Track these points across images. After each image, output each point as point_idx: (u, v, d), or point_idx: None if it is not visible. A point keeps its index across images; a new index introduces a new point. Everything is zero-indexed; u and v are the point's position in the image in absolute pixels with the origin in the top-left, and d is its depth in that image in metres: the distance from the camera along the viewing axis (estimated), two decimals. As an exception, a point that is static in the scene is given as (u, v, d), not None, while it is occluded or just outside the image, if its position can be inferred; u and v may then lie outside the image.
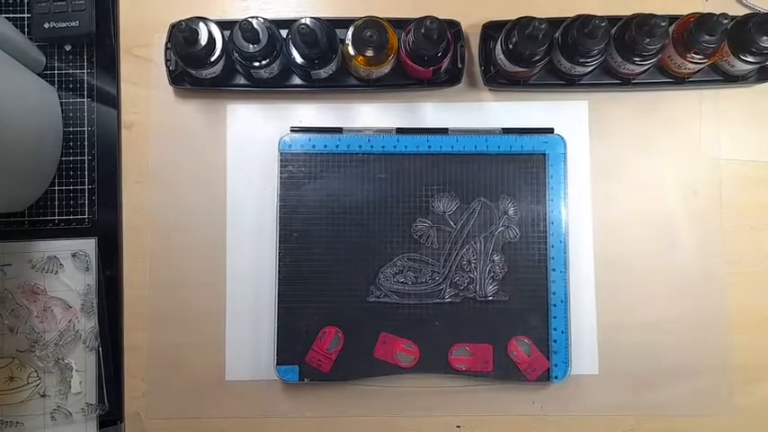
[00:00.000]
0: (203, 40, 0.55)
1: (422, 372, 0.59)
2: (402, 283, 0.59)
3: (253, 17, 0.54)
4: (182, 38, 0.54)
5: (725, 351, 0.60)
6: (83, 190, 0.61)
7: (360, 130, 0.61)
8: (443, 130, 0.60)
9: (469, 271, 0.59)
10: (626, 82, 0.60)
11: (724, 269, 0.61)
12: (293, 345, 0.58)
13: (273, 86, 0.60)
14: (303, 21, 0.54)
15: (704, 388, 0.60)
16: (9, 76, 0.55)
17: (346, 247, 0.59)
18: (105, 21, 0.62)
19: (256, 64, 0.56)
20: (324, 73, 0.58)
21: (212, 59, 0.56)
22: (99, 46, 0.62)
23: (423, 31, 0.53)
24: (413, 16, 0.55)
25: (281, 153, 0.60)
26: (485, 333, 0.59)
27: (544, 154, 0.60)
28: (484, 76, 0.61)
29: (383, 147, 0.60)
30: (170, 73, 0.60)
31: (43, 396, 0.60)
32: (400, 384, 0.59)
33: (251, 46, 0.54)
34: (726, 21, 0.52)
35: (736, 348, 0.60)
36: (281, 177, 0.59)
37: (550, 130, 0.60)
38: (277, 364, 0.58)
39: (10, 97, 0.54)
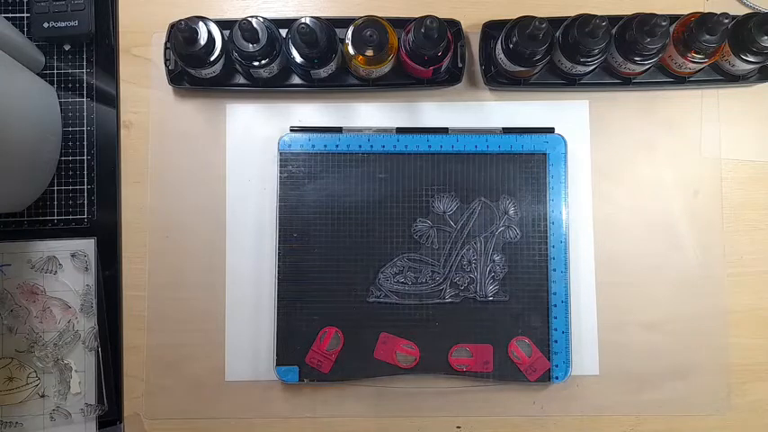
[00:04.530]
0: (203, 39, 0.55)
1: (422, 372, 0.59)
2: (402, 283, 0.59)
3: (252, 16, 0.54)
4: (181, 37, 0.54)
5: (725, 351, 0.60)
6: (82, 190, 0.61)
7: (360, 130, 0.61)
8: (443, 130, 0.60)
9: (470, 271, 0.59)
10: (627, 81, 0.60)
11: (724, 269, 0.61)
12: (293, 345, 0.58)
13: (273, 86, 0.60)
14: (303, 20, 0.54)
15: (704, 387, 0.60)
16: (8, 75, 0.55)
17: (346, 248, 0.59)
18: (104, 20, 0.62)
19: (256, 63, 0.56)
20: (324, 72, 0.58)
21: (212, 59, 0.56)
22: (98, 45, 0.62)
23: (423, 30, 0.53)
24: (413, 16, 0.55)
25: (280, 153, 0.60)
26: (485, 333, 0.58)
27: (545, 154, 0.60)
28: (484, 76, 0.60)
29: (383, 146, 0.60)
30: (169, 72, 0.60)
31: (42, 396, 0.59)
32: (400, 385, 0.59)
33: (250, 45, 0.54)
34: (726, 20, 0.52)
35: (736, 348, 0.60)
36: (280, 177, 0.59)
37: (551, 130, 0.60)
38: (277, 365, 0.58)
39: (9, 97, 0.53)
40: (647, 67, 0.57)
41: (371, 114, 0.62)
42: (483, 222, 0.59)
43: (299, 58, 0.56)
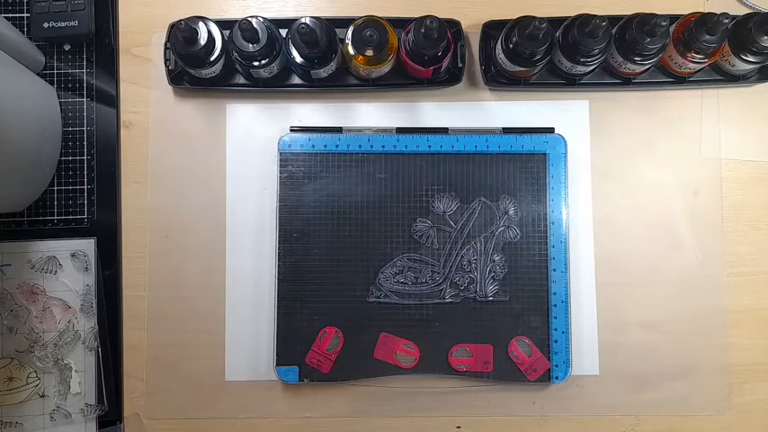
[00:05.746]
0: (203, 39, 0.55)
1: (422, 372, 0.59)
2: (402, 283, 0.59)
3: (252, 16, 0.54)
4: (181, 37, 0.54)
5: (725, 351, 0.60)
6: (82, 190, 0.61)
7: (360, 130, 0.61)
8: (443, 130, 0.60)
9: (470, 271, 0.59)
10: (627, 81, 0.60)
11: (724, 269, 0.61)
12: (293, 345, 0.58)
13: (273, 86, 0.60)
14: (303, 20, 0.54)
15: (704, 387, 0.60)
16: (8, 75, 0.55)
17: (346, 248, 0.59)
18: (104, 20, 0.62)
19: (256, 63, 0.56)
20: (324, 72, 0.58)
21: (212, 59, 0.56)
22: (98, 45, 0.62)
23: (423, 30, 0.53)
24: (413, 16, 0.55)
25: (280, 153, 0.60)
26: (485, 333, 0.58)
27: (545, 154, 0.60)
28: (484, 76, 0.60)
29: (383, 146, 0.60)
30: (169, 72, 0.60)
31: (42, 396, 0.59)
32: (400, 385, 0.59)
33: (250, 45, 0.54)
34: (726, 20, 0.52)
35: (736, 348, 0.60)
36: (280, 177, 0.59)
37: (551, 130, 0.60)
38: (277, 365, 0.58)
39: (9, 97, 0.53)
40: (647, 67, 0.57)
41: (371, 114, 0.62)
42: (483, 222, 0.59)
43: (299, 58, 0.56)
